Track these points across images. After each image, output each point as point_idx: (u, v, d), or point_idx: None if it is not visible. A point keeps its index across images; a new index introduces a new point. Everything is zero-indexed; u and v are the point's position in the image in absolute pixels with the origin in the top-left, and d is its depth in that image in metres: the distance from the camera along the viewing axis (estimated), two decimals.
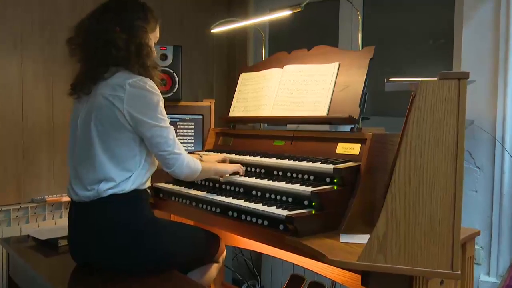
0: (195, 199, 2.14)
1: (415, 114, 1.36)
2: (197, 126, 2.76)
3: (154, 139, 1.79)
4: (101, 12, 1.86)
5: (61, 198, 2.88)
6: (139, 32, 1.84)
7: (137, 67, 1.82)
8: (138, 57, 1.82)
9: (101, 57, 1.80)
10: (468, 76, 1.34)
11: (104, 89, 1.78)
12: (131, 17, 1.84)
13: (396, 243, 1.36)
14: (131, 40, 1.82)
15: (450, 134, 1.34)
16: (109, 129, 1.77)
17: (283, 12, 2.37)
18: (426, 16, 2.79)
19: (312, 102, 2.15)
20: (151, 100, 1.79)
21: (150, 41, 1.91)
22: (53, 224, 2.87)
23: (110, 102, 1.76)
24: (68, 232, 1.90)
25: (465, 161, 2.38)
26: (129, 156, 1.81)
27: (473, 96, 2.30)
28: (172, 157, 1.82)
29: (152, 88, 1.80)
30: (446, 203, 1.33)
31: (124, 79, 1.78)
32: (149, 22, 1.89)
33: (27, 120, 2.82)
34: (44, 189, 2.89)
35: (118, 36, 1.79)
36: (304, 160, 1.98)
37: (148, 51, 1.86)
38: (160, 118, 1.80)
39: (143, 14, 1.88)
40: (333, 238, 1.65)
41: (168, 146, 1.81)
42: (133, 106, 1.76)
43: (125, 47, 1.80)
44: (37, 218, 2.84)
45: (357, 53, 2.12)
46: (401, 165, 1.36)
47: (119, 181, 1.78)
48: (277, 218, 1.73)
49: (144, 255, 1.79)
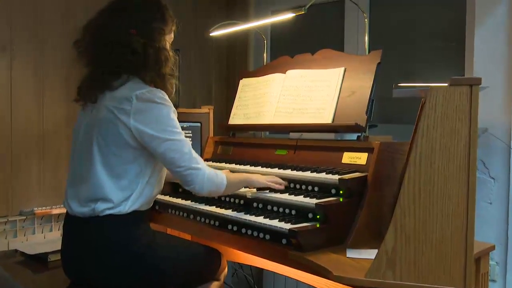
0: (193, 212, 2.14)
1: (425, 122, 1.36)
2: (195, 134, 2.77)
3: (168, 154, 1.71)
4: (113, 10, 1.77)
5: (51, 211, 2.88)
6: (157, 35, 1.76)
7: (152, 75, 1.73)
8: (155, 64, 1.74)
9: (114, 61, 1.72)
10: (480, 82, 1.35)
11: (109, 101, 1.71)
12: (148, 18, 1.76)
13: (406, 259, 1.35)
14: (150, 44, 1.73)
15: (462, 143, 1.34)
16: (111, 145, 1.72)
17: (286, 14, 2.38)
18: (435, 18, 2.80)
19: (316, 109, 2.16)
20: (160, 112, 1.71)
21: (167, 44, 1.83)
22: (43, 238, 2.86)
23: (114, 116, 1.69)
24: (62, 245, 1.87)
25: (479, 171, 2.38)
26: (130, 175, 1.74)
27: (486, 102, 2.30)
28: (190, 173, 1.74)
29: (161, 99, 1.72)
30: (458, 216, 1.33)
31: (131, 91, 1.69)
32: (167, 23, 1.81)
33: (16, 127, 2.82)
34: (33, 201, 2.89)
35: (134, 39, 1.71)
36: (308, 170, 1.98)
37: (166, 56, 1.77)
38: (172, 131, 1.72)
39: (160, 15, 1.79)
40: (339, 253, 1.65)
41: (183, 161, 1.73)
42: (141, 120, 1.69)
43: (143, 51, 1.71)
44: (25, 231, 2.84)
45: (363, 57, 2.13)
46: (411, 175, 1.36)
47: (117, 201, 1.73)
48: (279, 231, 1.72)
49: (142, 275, 1.77)
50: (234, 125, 2.55)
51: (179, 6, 3.57)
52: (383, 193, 1.84)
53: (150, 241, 1.82)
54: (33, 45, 2.87)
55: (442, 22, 2.77)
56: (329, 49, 2.29)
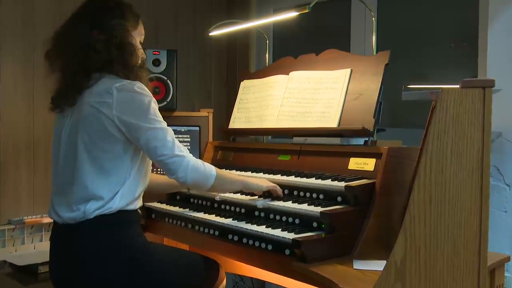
0: (191, 221, 2.14)
1: (436, 126, 1.37)
2: (193, 138, 2.78)
3: (151, 143, 1.78)
4: (75, 17, 1.90)
5: (42, 220, 2.88)
6: (118, 31, 1.86)
7: (121, 69, 1.84)
8: (121, 58, 1.84)
9: (81, 63, 1.82)
10: (493, 84, 1.35)
11: (89, 97, 1.80)
12: (107, 17, 1.87)
13: (416, 270, 1.35)
14: (111, 40, 1.84)
15: (475, 148, 1.34)
16: (97, 140, 1.78)
17: (289, 13, 2.39)
18: (447, 17, 2.81)
19: (321, 112, 2.17)
20: (141, 101, 1.80)
21: (133, 39, 1.93)
22: (33, 248, 2.87)
23: (97, 110, 1.77)
24: (50, 258, 1.89)
25: (493, 178, 2.38)
26: (118, 170, 1.80)
27: (500, 105, 2.30)
28: (174, 161, 1.80)
29: (140, 89, 1.82)
30: (471, 225, 1.33)
31: (110, 84, 1.79)
32: (128, 19, 1.92)
33: (4, 133, 2.84)
34: (23, 210, 2.89)
35: (96, 38, 1.82)
36: (312, 177, 1.98)
37: (131, 50, 1.88)
38: (154, 119, 1.80)
39: (120, 12, 1.90)
40: (346, 264, 1.65)
41: (166, 149, 1.79)
42: (123, 111, 1.77)
43: (105, 49, 1.82)
44: (14, 241, 2.84)
45: (371, 58, 2.14)
46: (421, 182, 1.36)
47: (107, 198, 1.78)
48: (282, 241, 1.72)
49: (136, 286, 1.79)
50: (235, 129, 2.56)
51: (177, 6, 3.60)
52: (391, 201, 1.84)
53: (143, 248, 1.84)
54: (23, 45, 2.88)
55: (453, 21, 2.78)
56: (334, 50, 2.30)
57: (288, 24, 2.84)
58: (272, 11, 3.62)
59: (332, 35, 3.36)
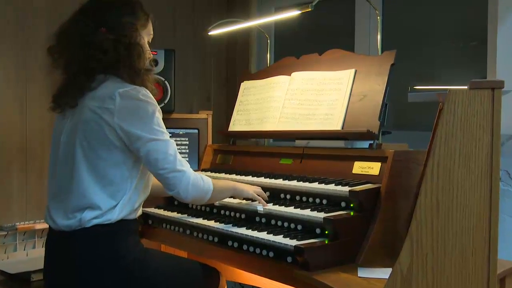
0: (190, 227, 2.14)
1: (443, 129, 1.37)
2: (192, 141, 2.78)
3: (151, 155, 1.76)
4: (81, 12, 1.86)
5: (35, 226, 2.88)
6: (128, 31, 1.83)
7: (127, 71, 1.80)
8: (128, 59, 1.81)
9: (86, 63, 1.79)
10: (503, 85, 1.35)
11: (91, 101, 1.77)
12: (117, 14, 1.83)
13: (423, 278, 1.35)
14: (120, 40, 1.80)
15: (484, 151, 1.34)
16: (96, 147, 1.76)
17: (291, 12, 2.40)
18: (454, 15, 2.82)
19: (324, 115, 2.17)
20: (145, 110, 1.77)
21: (142, 39, 1.90)
22: (25, 255, 2.87)
23: (98, 116, 1.74)
24: (45, 265, 1.88)
25: (503, 182, 2.38)
26: (118, 179, 1.78)
27: (509, 107, 2.30)
28: (174, 176, 1.77)
29: (145, 97, 1.79)
30: (480, 231, 1.33)
31: (114, 89, 1.76)
32: (138, 18, 1.88)
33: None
34: (15, 215, 2.89)
35: (104, 38, 1.78)
36: (315, 182, 1.98)
37: (139, 51, 1.84)
38: (157, 130, 1.77)
39: (130, 9, 1.86)
40: (350, 272, 1.65)
41: (167, 163, 1.76)
42: (125, 119, 1.74)
43: (114, 49, 1.79)
44: (6, 248, 2.84)
45: (376, 58, 2.14)
46: (428, 187, 1.36)
47: (105, 209, 1.75)
48: (284, 248, 1.72)
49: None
50: (235, 131, 2.56)
51: (175, 4, 3.61)
52: (397, 206, 1.84)
53: (141, 257, 1.83)
54: (15, 47, 2.89)
55: (461, 20, 2.79)
56: (338, 49, 2.30)
57: (290, 23, 2.85)
58: (273, 10, 3.63)
59: (335, 34, 3.37)
